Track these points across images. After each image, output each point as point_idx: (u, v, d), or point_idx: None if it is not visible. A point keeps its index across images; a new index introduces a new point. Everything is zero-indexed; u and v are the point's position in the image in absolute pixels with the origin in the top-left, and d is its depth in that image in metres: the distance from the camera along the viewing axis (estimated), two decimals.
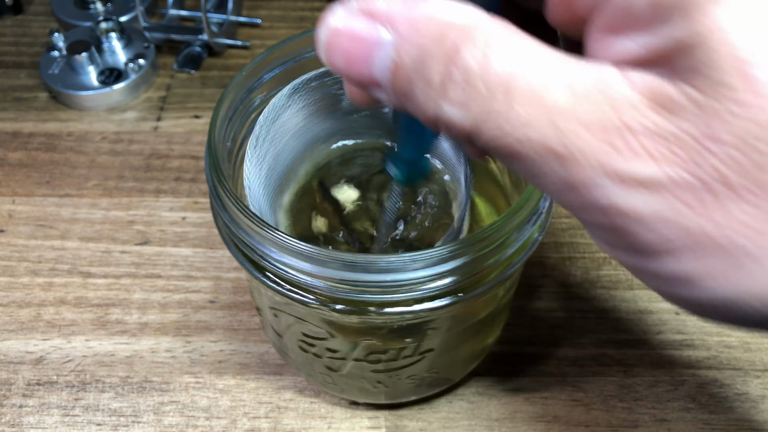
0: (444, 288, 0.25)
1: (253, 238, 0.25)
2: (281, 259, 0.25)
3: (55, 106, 0.50)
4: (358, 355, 0.30)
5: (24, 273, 0.41)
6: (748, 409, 0.36)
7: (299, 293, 0.25)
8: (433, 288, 0.25)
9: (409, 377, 0.32)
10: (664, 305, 0.40)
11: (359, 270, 0.24)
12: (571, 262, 0.42)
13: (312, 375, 0.34)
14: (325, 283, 0.24)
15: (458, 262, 0.24)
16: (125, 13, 0.55)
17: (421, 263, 0.24)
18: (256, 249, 0.25)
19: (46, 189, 0.45)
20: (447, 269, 0.24)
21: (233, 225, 0.25)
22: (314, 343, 0.30)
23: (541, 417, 0.35)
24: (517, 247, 0.26)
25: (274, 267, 0.25)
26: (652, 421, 0.35)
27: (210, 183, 0.26)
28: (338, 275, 0.24)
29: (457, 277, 0.25)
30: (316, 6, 0.58)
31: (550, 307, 0.40)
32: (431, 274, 0.24)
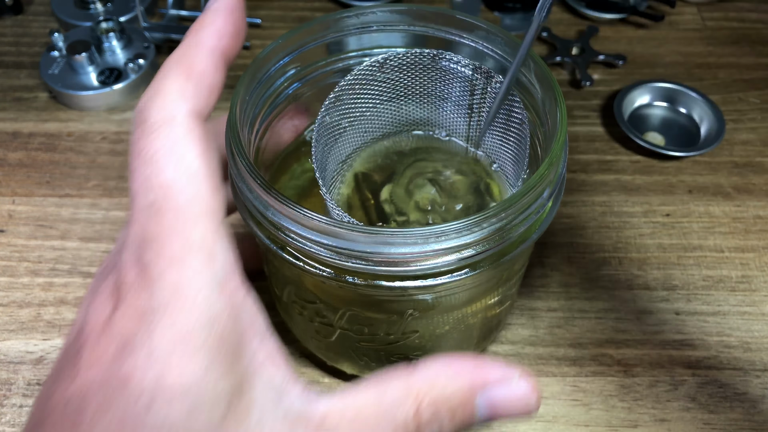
0: (454, 264, 0.25)
1: (258, 198, 0.26)
2: (294, 228, 0.25)
3: (55, 106, 0.50)
4: (344, 324, 0.30)
5: (24, 273, 0.41)
6: (748, 409, 0.36)
7: (311, 264, 0.26)
8: (445, 263, 0.25)
9: (395, 356, 0.32)
10: (664, 305, 0.40)
11: (372, 242, 0.24)
12: (571, 262, 0.42)
13: (307, 340, 0.35)
14: (333, 253, 0.25)
15: (475, 236, 0.25)
16: (125, 13, 0.55)
17: (436, 238, 0.24)
18: (264, 213, 0.26)
19: (46, 189, 0.45)
20: (464, 242, 0.25)
21: (248, 193, 0.26)
22: (305, 305, 0.31)
23: (541, 417, 0.35)
24: (534, 219, 0.27)
25: (288, 238, 0.26)
26: (652, 421, 0.35)
27: (228, 151, 0.27)
28: (348, 245, 0.25)
29: (472, 251, 0.25)
30: (316, 6, 0.58)
31: (550, 307, 0.40)
32: (448, 247, 0.25)
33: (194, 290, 0.23)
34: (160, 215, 0.23)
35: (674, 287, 0.41)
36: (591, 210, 0.44)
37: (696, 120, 0.50)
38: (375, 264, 0.25)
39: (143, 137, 0.24)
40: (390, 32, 0.31)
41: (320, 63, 0.32)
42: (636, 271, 0.41)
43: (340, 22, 0.31)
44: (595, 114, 0.50)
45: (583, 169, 0.47)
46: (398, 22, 0.31)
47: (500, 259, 0.26)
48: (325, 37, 0.31)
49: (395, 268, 0.25)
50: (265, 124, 0.31)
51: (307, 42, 0.30)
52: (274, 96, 0.31)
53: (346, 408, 0.25)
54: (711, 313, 0.39)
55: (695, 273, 0.41)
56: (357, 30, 0.31)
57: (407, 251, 0.24)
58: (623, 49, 0.55)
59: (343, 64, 0.32)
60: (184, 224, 0.23)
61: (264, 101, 0.30)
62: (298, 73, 0.31)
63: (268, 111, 0.31)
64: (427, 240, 0.24)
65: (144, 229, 0.23)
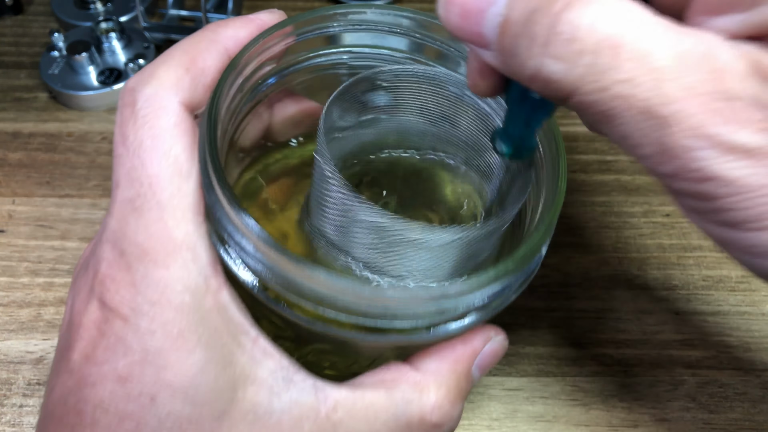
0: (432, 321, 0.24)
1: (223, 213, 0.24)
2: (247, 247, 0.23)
3: (55, 106, 0.50)
4: (309, 358, 0.29)
5: (24, 273, 0.41)
6: (748, 409, 0.36)
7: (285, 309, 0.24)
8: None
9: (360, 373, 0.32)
10: (664, 305, 0.40)
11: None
12: (572, 262, 0.42)
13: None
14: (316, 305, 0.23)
15: (474, 299, 0.23)
16: (125, 13, 0.55)
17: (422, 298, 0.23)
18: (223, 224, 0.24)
19: (46, 189, 0.45)
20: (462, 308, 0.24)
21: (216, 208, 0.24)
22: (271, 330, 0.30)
23: (541, 417, 0.35)
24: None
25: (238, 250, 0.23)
26: (652, 421, 0.35)
27: (203, 164, 0.24)
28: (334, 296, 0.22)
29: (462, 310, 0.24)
30: (316, 6, 0.58)
31: (550, 307, 0.40)
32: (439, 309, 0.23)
33: (181, 290, 0.22)
34: (143, 211, 0.23)
35: (674, 287, 0.41)
36: (591, 210, 0.44)
37: None
38: (357, 315, 0.23)
39: (130, 122, 0.24)
40: (382, 33, 0.31)
41: (300, 57, 0.30)
42: (636, 271, 0.41)
43: (334, 18, 0.30)
44: None
45: (583, 169, 0.47)
46: (391, 25, 0.30)
47: (492, 311, 0.25)
48: (311, 32, 0.30)
49: (379, 321, 0.23)
50: (238, 121, 0.29)
51: (290, 36, 0.29)
52: (249, 93, 0.29)
53: (356, 401, 0.25)
54: (711, 313, 0.39)
55: (695, 273, 0.41)
56: (350, 27, 0.30)
57: (399, 307, 0.23)
58: None
59: (324, 60, 0.31)
60: (167, 222, 0.23)
61: (241, 100, 0.28)
62: (274, 68, 0.30)
63: (242, 109, 0.29)
64: (416, 301, 0.23)
65: (125, 224, 0.23)
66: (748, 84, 0.17)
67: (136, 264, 0.22)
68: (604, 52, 0.17)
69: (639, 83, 0.17)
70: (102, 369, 0.22)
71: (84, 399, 0.22)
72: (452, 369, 0.26)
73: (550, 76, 0.18)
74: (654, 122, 0.17)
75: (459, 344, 0.27)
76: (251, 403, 0.23)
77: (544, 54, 0.18)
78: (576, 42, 0.17)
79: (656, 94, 0.17)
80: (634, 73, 0.17)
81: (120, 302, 0.22)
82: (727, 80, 0.17)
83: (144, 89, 0.24)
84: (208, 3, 0.55)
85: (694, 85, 0.17)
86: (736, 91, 0.17)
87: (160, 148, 0.23)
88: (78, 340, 0.23)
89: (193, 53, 0.25)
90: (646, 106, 0.17)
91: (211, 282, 0.23)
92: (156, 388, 0.22)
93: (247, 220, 0.22)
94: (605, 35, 0.17)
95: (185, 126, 0.24)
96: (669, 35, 0.17)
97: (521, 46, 0.19)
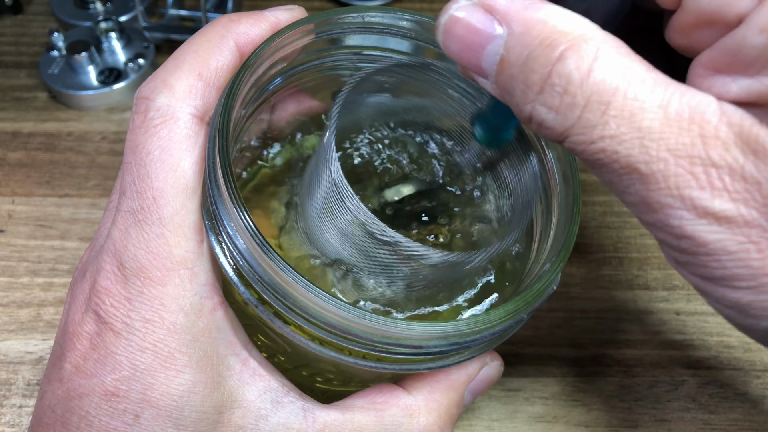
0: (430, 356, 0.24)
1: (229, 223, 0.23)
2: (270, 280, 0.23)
3: (55, 106, 0.50)
4: (303, 372, 0.29)
5: (24, 273, 0.41)
6: (748, 409, 0.36)
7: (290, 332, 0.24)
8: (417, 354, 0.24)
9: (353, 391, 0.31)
10: (664, 305, 0.40)
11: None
12: (572, 262, 0.41)
13: None
14: (326, 332, 0.23)
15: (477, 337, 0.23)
16: (125, 12, 0.55)
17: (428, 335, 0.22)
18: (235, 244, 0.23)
19: (46, 189, 0.45)
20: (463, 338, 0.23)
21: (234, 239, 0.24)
22: (265, 344, 0.30)
23: (541, 417, 0.35)
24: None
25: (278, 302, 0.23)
26: (652, 421, 0.35)
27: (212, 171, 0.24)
28: (347, 329, 0.22)
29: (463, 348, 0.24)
30: (316, 6, 0.58)
31: (550, 307, 0.40)
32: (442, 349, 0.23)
33: (175, 309, 0.22)
34: (144, 225, 0.23)
35: (674, 287, 0.41)
36: (591, 210, 0.44)
37: None
38: (360, 345, 0.23)
39: (141, 131, 0.23)
40: (386, 35, 0.31)
41: (309, 58, 0.30)
42: (636, 271, 0.41)
43: (340, 21, 0.30)
44: None
45: (583, 168, 0.47)
46: (398, 27, 0.30)
47: (497, 342, 0.25)
48: (322, 33, 0.29)
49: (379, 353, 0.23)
50: (244, 120, 0.29)
51: (306, 36, 0.29)
52: (257, 93, 0.29)
53: (345, 424, 0.25)
54: (711, 313, 0.39)
55: None
56: (355, 29, 0.30)
57: (402, 343, 0.23)
58: None
59: (333, 60, 0.31)
60: (167, 239, 0.23)
61: (250, 99, 0.28)
62: (284, 68, 0.29)
63: (250, 108, 0.29)
64: (429, 338, 0.22)
65: (126, 236, 0.23)
66: (731, 153, 0.17)
67: (133, 279, 0.22)
68: (593, 107, 0.18)
69: (624, 140, 0.18)
70: (91, 382, 0.22)
71: (71, 410, 0.22)
72: (445, 394, 0.26)
73: (543, 122, 0.19)
74: (636, 179, 0.18)
75: (453, 369, 0.27)
76: (237, 426, 0.23)
77: (538, 101, 0.19)
78: (568, 95, 0.18)
79: (639, 152, 0.18)
80: (620, 130, 0.18)
81: (114, 316, 0.22)
82: (710, 146, 0.17)
83: (157, 98, 0.24)
84: (208, 3, 0.55)
85: (677, 148, 0.17)
86: (718, 158, 0.17)
87: (167, 161, 0.23)
88: (71, 349, 0.23)
89: (205, 54, 0.25)
90: (629, 162, 0.18)
91: (206, 302, 0.23)
92: (141, 407, 0.22)
93: (257, 238, 0.22)
94: (596, 90, 0.18)
95: (196, 138, 0.24)
96: (659, 93, 0.18)
97: (517, 89, 0.19)
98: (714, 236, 0.18)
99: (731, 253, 0.18)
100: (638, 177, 0.18)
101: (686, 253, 0.19)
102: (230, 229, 0.23)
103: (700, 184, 0.17)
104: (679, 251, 0.19)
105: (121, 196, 0.24)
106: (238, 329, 0.25)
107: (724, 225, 0.18)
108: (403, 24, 0.30)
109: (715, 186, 0.17)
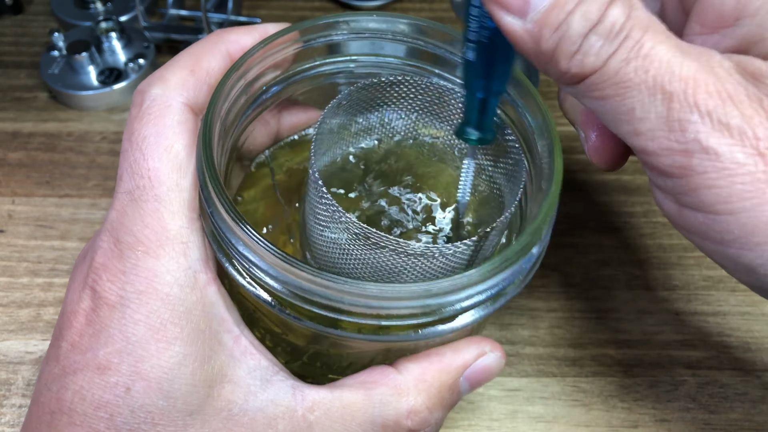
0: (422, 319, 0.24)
1: (230, 234, 0.24)
2: (249, 257, 0.23)
3: (55, 106, 0.50)
4: (307, 360, 0.30)
5: (24, 273, 0.41)
6: (748, 409, 0.36)
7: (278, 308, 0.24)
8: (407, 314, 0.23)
9: None
10: (664, 305, 0.40)
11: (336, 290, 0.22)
12: (571, 262, 0.42)
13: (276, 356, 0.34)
14: (304, 302, 0.23)
15: (460, 295, 0.23)
16: (125, 12, 0.55)
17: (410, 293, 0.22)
18: (231, 243, 0.24)
19: (46, 189, 0.45)
20: (448, 300, 0.23)
21: (221, 226, 0.24)
22: (270, 334, 0.30)
23: (541, 417, 0.35)
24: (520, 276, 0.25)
25: (244, 264, 0.23)
26: (652, 421, 0.35)
27: (199, 167, 0.25)
28: (309, 289, 0.22)
29: (454, 309, 0.24)
30: (316, 6, 0.58)
31: (550, 307, 0.40)
32: (429, 304, 0.23)
33: (169, 281, 0.23)
34: (140, 203, 0.24)
35: (674, 287, 0.41)
36: (591, 210, 0.44)
37: None
38: (346, 314, 0.23)
39: (137, 119, 0.25)
40: (382, 41, 0.31)
41: (304, 66, 0.30)
42: (636, 271, 0.41)
43: (333, 26, 0.30)
44: None
45: (583, 169, 0.47)
46: (391, 32, 0.30)
47: (481, 313, 0.25)
48: (315, 40, 0.30)
49: (369, 321, 0.23)
50: (242, 127, 0.29)
51: (296, 43, 0.29)
52: (252, 99, 0.29)
53: (333, 402, 0.25)
54: (711, 314, 0.39)
55: (695, 273, 0.41)
56: (348, 36, 0.30)
57: (383, 305, 0.23)
58: None
59: (330, 68, 0.31)
60: (162, 215, 0.23)
61: (244, 105, 0.29)
62: (278, 76, 0.30)
63: (246, 115, 0.29)
64: (408, 297, 0.22)
65: (123, 214, 0.24)
66: (734, 78, 0.21)
67: (128, 252, 0.23)
68: (631, 38, 0.20)
69: (653, 61, 0.20)
70: (85, 357, 0.23)
71: (65, 386, 0.23)
72: (437, 376, 0.26)
73: (590, 50, 0.21)
74: (660, 96, 0.20)
75: (449, 352, 0.26)
76: (226, 401, 0.23)
77: (593, 31, 0.21)
78: (610, 34, 0.21)
79: (667, 72, 0.20)
80: (652, 52, 0.20)
81: (109, 290, 0.23)
82: (720, 72, 0.21)
83: (151, 90, 0.26)
84: (208, 3, 0.55)
85: (696, 70, 0.20)
86: (727, 80, 0.20)
87: (162, 144, 0.24)
88: (68, 328, 0.24)
89: (198, 55, 0.27)
90: (657, 83, 0.20)
91: (200, 276, 0.24)
92: (132, 379, 0.22)
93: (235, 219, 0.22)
94: (634, 28, 0.21)
95: (188, 125, 0.25)
96: (680, 43, 0.21)
97: (575, 23, 0.21)
98: (728, 148, 0.20)
99: (741, 166, 0.20)
100: (663, 96, 0.20)
101: (690, 175, 0.20)
102: (212, 207, 0.23)
103: (718, 101, 0.20)
104: (684, 174, 0.21)
105: (118, 181, 0.25)
106: (231, 307, 0.25)
107: (737, 138, 0.20)
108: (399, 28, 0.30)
109: (730, 102, 0.20)
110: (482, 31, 0.24)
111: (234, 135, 0.29)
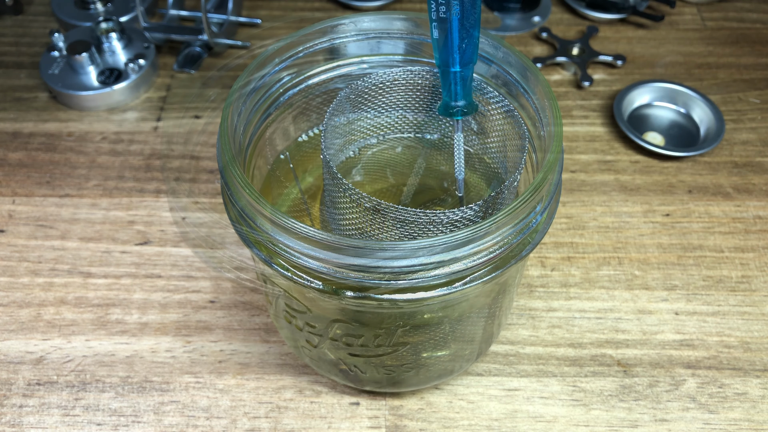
0: (441, 278, 0.25)
1: (248, 207, 0.25)
2: (288, 243, 0.25)
3: (55, 106, 0.50)
4: (333, 335, 0.30)
5: (24, 273, 0.41)
6: (748, 409, 0.36)
7: (299, 275, 0.26)
8: (431, 276, 0.25)
9: (385, 368, 0.32)
10: (664, 305, 0.40)
11: (364, 256, 0.24)
12: (571, 262, 0.42)
13: (297, 349, 0.34)
14: (329, 267, 0.25)
15: (466, 250, 0.24)
16: (125, 13, 0.55)
17: (427, 251, 0.24)
18: (254, 222, 0.25)
19: (46, 189, 0.45)
20: (455, 256, 0.24)
21: (238, 203, 0.26)
22: (295, 315, 0.31)
23: (541, 417, 0.35)
24: (527, 233, 0.26)
25: (277, 249, 0.25)
26: (652, 421, 0.35)
27: (220, 161, 0.26)
28: (337, 258, 0.24)
29: (463, 265, 0.25)
30: (316, 6, 0.58)
31: (550, 307, 0.40)
32: (438, 261, 0.24)
33: None
34: None
35: (674, 287, 0.41)
36: (591, 210, 0.44)
37: (696, 120, 0.50)
38: (364, 277, 0.24)
39: None
40: (388, 39, 0.31)
41: (317, 70, 0.31)
42: (636, 271, 0.41)
43: (337, 28, 0.30)
44: (595, 114, 0.50)
45: (583, 169, 0.47)
46: (396, 30, 0.31)
47: (492, 273, 0.26)
48: (322, 43, 0.30)
49: (385, 282, 0.25)
50: (259, 131, 0.31)
51: (304, 47, 0.30)
52: (268, 103, 0.30)
53: None
54: (711, 313, 0.39)
55: (695, 273, 0.41)
56: (354, 37, 0.31)
57: (397, 265, 0.24)
58: (623, 49, 0.55)
59: (340, 72, 0.32)
60: None
61: (258, 108, 0.30)
62: (292, 79, 0.31)
63: (262, 118, 0.30)
64: (416, 253, 0.24)
65: None
66: None
67: None
68: None
69: None
70: None
71: None
72: None
73: None
74: None
75: None
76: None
77: None
78: None
79: None
80: None
81: None
82: None
83: None
84: (208, 3, 0.55)
85: None
86: None
87: None
88: None
89: None
90: None
91: None
92: None
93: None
94: None
95: None
96: None
97: None
98: None
99: None
100: None
101: None
102: None
103: None
104: None
105: None
106: None
107: None
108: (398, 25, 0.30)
109: None
110: (440, 8, 0.26)
111: (252, 137, 0.30)
